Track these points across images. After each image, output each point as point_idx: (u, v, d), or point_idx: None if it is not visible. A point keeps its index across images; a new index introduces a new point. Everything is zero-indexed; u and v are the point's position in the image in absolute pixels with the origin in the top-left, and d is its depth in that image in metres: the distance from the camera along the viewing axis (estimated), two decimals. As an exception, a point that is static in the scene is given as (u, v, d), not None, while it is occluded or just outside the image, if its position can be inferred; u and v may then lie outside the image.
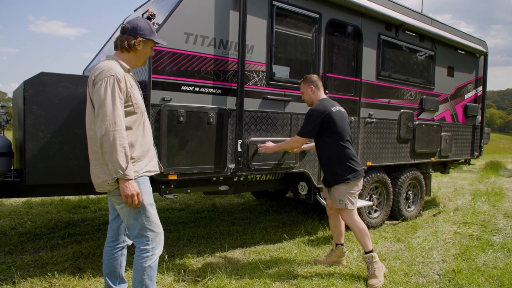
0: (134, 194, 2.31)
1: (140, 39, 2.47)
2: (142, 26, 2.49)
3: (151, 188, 2.56)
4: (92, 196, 6.58)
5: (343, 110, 3.74)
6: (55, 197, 6.31)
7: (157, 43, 2.63)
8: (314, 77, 3.80)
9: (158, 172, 2.70)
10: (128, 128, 2.37)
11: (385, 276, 3.54)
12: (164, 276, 3.42)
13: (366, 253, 3.58)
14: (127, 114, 2.38)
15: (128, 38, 2.45)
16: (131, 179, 2.30)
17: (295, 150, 4.04)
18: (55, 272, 3.37)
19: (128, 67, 2.47)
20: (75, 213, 5.73)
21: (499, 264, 3.99)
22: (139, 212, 2.45)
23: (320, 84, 3.80)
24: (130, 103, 2.39)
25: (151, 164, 2.56)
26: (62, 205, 6.06)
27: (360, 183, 3.72)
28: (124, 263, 2.80)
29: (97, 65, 2.37)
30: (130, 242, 2.79)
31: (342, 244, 3.90)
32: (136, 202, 2.34)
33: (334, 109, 3.61)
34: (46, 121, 3.10)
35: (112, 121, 2.22)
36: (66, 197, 6.40)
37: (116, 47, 2.50)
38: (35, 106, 3.04)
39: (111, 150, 2.22)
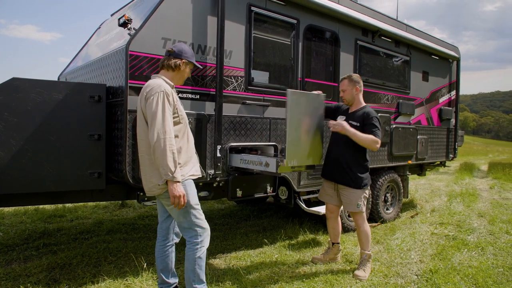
0: (181, 195, 2.61)
1: (184, 60, 2.86)
2: (186, 50, 2.90)
3: (195, 189, 2.88)
4: (68, 205, 6.41)
5: None
6: (29, 206, 6.12)
7: (196, 66, 3.04)
8: (359, 77, 3.90)
9: (200, 176, 2.98)
10: (175, 137, 2.67)
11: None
12: (143, 285, 3.35)
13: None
14: (174, 124, 2.70)
15: (175, 59, 2.84)
16: (178, 182, 2.61)
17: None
18: (29, 284, 3.26)
19: (172, 84, 2.85)
20: (50, 222, 5.57)
21: (473, 263, 4.10)
22: (188, 211, 2.76)
23: (362, 88, 3.92)
24: (176, 115, 2.73)
25: (194, 168, 2.89)
26: (36, 215, 5.88)
27: None
28: (174, 259, 3.06)
29: (147, 83, 2.76)
30: (177, 240, 3.12)
31: (338, 243, 4.10)
32: (182, 203, 2.62)
33: None
34: (19, 128, 3.01)
35: (163, 130, 2.55)
36: (41, 206, 6.22)
37: (162, 67, 2.87)
38: (7, 112, 2.95)
39: (162, 155, 2.54)
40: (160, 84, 2.68)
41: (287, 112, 3.41)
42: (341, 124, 3.66)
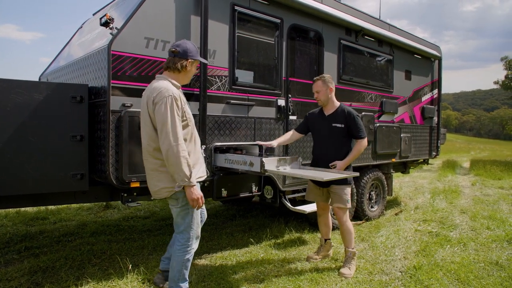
0: (199, 198, 2.67)
1: (190, 60, 2.79)
2: (190, 48, 2.80)
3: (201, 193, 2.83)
4: (51, 207, 6.30)
5: None
6: (10, 209, 5.99)
7: (202, 62, 3.07)
8: (331, 78, 3.95)
9: (206, 176, 2.99)
10: (184, 140, 2.64)
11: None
12: (128, 286, 3.32)
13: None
14: (183, 127, 2.68)
15: (180, 60, 2.75)
16: (195, 185, 2.65)
17: None
18: (10, 288, 3.20)
19: (179, 85, 2.81)
20: (32, 225, 5.47)
21: (456, 259, 4.18)
22: (188, 213, 2.79)
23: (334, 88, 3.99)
24: (184, 118, 2.71)
25: (201, 170, 2.91)
26: (18, 217, 5.76)
27: None
28: None
29: (153, 86, 2.67)
30: None
31: (329, 239, 4.18)
32: (201, 204, 2.68)
33: None
34: (-2, 130, 2.94)
35: (175, 136, 2.54)
36: (22, 208, 6.09)
37: (167, 68, 2.79)
38: (-15, 114, 2.88)
39: (176, 163, 2.53)
40: (167, 88, 2.62)
41: None
42: (341, 165, 3.77)
